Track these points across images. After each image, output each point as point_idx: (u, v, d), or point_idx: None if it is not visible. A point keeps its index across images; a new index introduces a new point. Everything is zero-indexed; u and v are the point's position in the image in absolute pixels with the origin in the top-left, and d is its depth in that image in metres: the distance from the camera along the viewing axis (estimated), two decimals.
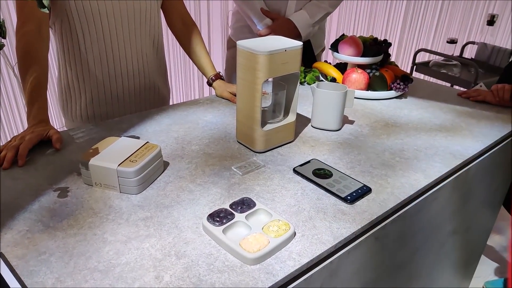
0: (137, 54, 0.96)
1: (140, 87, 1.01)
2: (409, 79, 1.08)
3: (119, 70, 0.95)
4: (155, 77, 1.03)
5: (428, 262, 0.89)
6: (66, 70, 0.93)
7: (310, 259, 0.51)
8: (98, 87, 0.94)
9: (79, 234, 0.54)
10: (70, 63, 0.91)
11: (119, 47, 0.92)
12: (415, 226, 0.73)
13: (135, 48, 0.95)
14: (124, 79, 0.96)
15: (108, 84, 0.95)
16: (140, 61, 0.97)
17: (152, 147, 0.67)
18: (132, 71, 0.97)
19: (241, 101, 0.75)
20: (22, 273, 0.47)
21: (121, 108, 0.99)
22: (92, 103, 0.95)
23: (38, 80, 0.78)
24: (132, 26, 0.92)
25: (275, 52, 0.68)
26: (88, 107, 0.96)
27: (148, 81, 1.02)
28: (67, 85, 0.95)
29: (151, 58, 1.00)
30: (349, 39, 1.08)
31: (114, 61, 0.93)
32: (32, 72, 0.78)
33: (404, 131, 0.89)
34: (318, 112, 0.87)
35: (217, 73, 1.05)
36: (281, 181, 0.68)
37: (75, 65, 0.91)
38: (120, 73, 0.95)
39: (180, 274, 0.48)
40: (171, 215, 0.58)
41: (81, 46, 0.89)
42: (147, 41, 0.97)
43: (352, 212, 0.61)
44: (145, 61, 0.99)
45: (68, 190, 0.63)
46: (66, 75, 0.94)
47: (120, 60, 0.94)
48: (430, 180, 0.70)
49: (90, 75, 0.92)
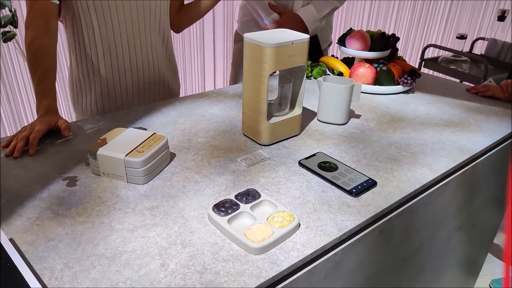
0: (146, 48, 0.97)
1: (150, 81, 1.01)
2: (417, 74, 1.07)
3: (129, 64, 0.95)
4: (164, 71, 1.04)
5: (433, 258, 0.89)
6: (77, 64, 0.94)
7: (314, 250, 0.52)
8: (108, 81, 0.95)
9: (87, 222, 0.55)
10: (81, 57, 0.92)
11: (129, 41, 0.93)
12: (420, 221, 0.73)
13: (145, 42, 0.96)
14: (133, 73, 0.97)
15: (118, 78, 0.96)
16: (150, 55, 0.98)
17: (159, 138, 0.68)
18: (142, 64, 0.97)
19: (247, 94, 0.75)
20: (31, 258, 0.48)
21: (131, 102, 1.00)
22: (102, 97, 0.96)
23: (46, 72, 0.79)
24: (141, 20, 0.93)
25: (282, 45, 0.68)
26: (98, 101, 0.97)
27: (157, 75, 1.02)
28: (78, 79, 0.96)
29: (160, 52, 1.01)
30: (356, 33, 1.07)
31: (124, 55, 0.94)
32: (40, 65, 0.79)
33: (410, 125, 0.89)
34: (324, 106, 0.86)
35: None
36: (286, 174, 0.68)
37: (85, 59, 0.92)
38: (130, 67, 0.96)
39: (185, 262, 0.48)
40: (177, 205, 0.59)
41: (91, 40, 0.89)
42: (156, 36, 0.98)
43: (357, 204, 0.61)
44: (155, 55, 0.99)
45: (77, 179, 0.64)
46: (77, 69, 0.95)
47: (129, 54, 0.94)
48: (437, 175, 0.70)
49: (100, 69, 0.93)
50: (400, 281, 0.80)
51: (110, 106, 0.98)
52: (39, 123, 0.74)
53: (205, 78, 2.28)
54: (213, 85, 2.31)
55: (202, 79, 2.28)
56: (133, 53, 0.95)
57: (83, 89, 0.96)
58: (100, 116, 0.88)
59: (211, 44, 2.17)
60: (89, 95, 0.96)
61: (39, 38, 0.80)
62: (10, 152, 0.69)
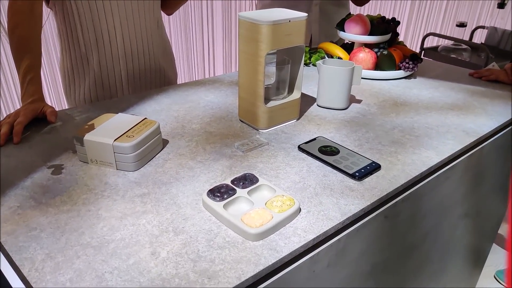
0: (141, 34, 0.92)
1: (146, 69, 0.97)
2: (419, 58, 1.03)
3: (123, 51, 0.91)
4: (160, 59, 1.00)
5: (439, 247, 0.85)
6: (70, 52, 0.90)
7: (316, 235, 0.48)
8: (102, 69, 0.91)
9: (72, 210, 0.51)
10: (73, 44, 0.88)
11: (122, 26, 0.89)
12: (427, 207, 0.69)
13: (139, 27, 0.91)
14: (128, 60, 0.93)
15: (112, 67, 0.91)
16: (145, 41, 0.94)
17: (150, 123, 0.64)
18: (137, 51, 0.93)
19: (243, 76, 0.71)
20: (10, 249, 0.44)
21: (126, 91, 0.96)
22: (96, 87, 0.92)
23: (31, 59, 0.75)
24: (135, 5, 0.89)
25: (278, 22, 0.65)
26: (92, 91, 0.93)
27: (153, 63, 0.98)
28: (70, 68, 0.92)
29: (156, 39, 0.97)
30: (355, 17, 1.03)
31: (117, 41, 0.90)
32: (25, 51, 0.75)
33: (414, 109, 0.85)
34: (324, 90, 0.83)
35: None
36: (286, 159, 0.65)
37: (78, 47, 0.88)
38: (124, 54, 0.91)
39: (178, 250, 0.45)
40: (169, 192, 0.55)
41: (83, 26, 0.85)
42: (151, 21, 0.94)
43: (360, 188, 0.58)
44: (150, 42, 0.95)
45: (63, 167, 0.60)
46: (69, 57, 0.91)
47: (123, 40, 0.90)
48: (443, 157, 0.67)
49: (93, 57, 0.89)
50: (406, 270, 0.76)
51: (104, 96, 0.94)
52: (24, 110, 0.70)
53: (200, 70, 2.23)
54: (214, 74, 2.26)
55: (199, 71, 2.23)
56: (127, 38, 0.90)
57: (76, 78, 0.92)
58: (89, 104, 0.84)
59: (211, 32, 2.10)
60: (82, 85, 0.92)
61: (23, 24, 0.76)
62: None
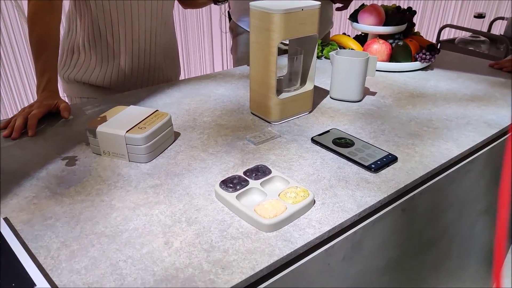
0: (145, 33, 0.92)
1: (144, 68, 0.96)
2: (436, 49, 1.00)
3: (124, 48, 0.91)
4: (161, 59, 0.99)
5: (458, 243, 0.83)
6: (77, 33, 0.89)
7: (331, 227, 0.47)
8: (107, 58, 0.91)
9: (87, 200, 0.51)
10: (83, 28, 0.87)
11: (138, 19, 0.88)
12: (446, 201, 0.67)
13: (143, 26, 0.91)
14: (128, 57, 0.92)
15: (112, 60, 0.91)
16: (148, 40, 0.93)
17: (162, 115, 0.64)
18: (138, 50, 0.93)
19: (255, 67, 0.70)
20: (26, 237, 0.45)
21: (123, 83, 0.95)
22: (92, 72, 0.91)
23: (48, 52, 0.76)
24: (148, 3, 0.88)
25: (291, 11, 0.63)
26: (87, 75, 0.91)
27: (153, 62, 0.97)
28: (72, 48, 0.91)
29: (160, 38, 0.96)
30: (370, 7, 1.01)
31: (120, 39, 0.89)
32: (42, 44, 0.75)
33: (431, 101, 0.83)
34: (337, 82, 0.81)
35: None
36: (299, 151, 0.64)
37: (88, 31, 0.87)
38: (125, 51, 0.91)
39: (191, 240, 0.44)
40: (181, 183, 0.55)
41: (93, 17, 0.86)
42: (158, 20, 0.93)
43: (377, 180, 0.56)
44: (153, 42, 0.94)
45: (76, 159, 0.61)
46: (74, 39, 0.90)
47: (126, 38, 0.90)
48: (464, 149, 0.64)
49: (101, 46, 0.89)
50: (422, 267, 0.74)
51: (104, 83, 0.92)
52: (38, 104, 0.70)
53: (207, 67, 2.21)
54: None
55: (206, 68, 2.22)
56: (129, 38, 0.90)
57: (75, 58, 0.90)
58: (102, 98, 0.84)
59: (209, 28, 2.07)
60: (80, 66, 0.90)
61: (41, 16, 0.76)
62: (8, 133, 0.66)
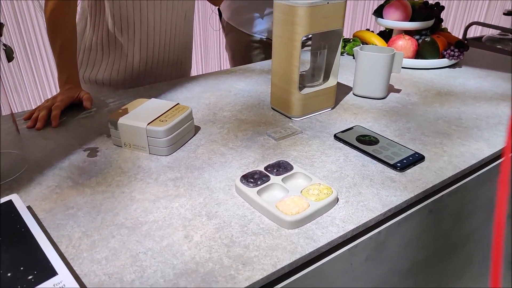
0: (165, 26, 0.92)
1: (164, 62, 0.96)
2: (465, 45, 0.96)
3: (145, 42, 0.91)
4: (179, 52, 0.99)
5: (483, 248, 0.79)
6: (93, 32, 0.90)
7: (355, 226, 0.45)
8: (122, 56, 0.91)
9: (107, 191, 0.51)
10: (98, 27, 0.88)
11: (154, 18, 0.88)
12: (475, 203, 0.64)
13: (165, 19, 0.91)
14: (149, 51, 0.92)
15: (132, 54, 0.91)
16: (168, 34, 0.93)
17: (183, 108, 0.63)
18: (159, 44, 0.93)
19: (277, 62, 0.69)
20: (48, 226, 0.45)
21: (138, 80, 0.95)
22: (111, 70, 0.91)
23: (67, 46, 0.77)
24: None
25: (316, 5, 0.62)
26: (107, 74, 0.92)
27: (172, 55, 0.97)
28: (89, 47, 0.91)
29: (180, 31, 0.96)
30: (396, 2, 0.97)
31: (142, 33, 0.89)
32: (60, 38, 0.76)
33: (460, 100, 0.79)
34: (361, 78, 0.79)
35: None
36: (321, 147, 0.62)
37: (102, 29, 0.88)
38: (146, 46, 0.91)
39: (211, 235, 0.44)
40: (202, 177, 0.54)
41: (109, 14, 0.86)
42: (179, 13, 0.93)
43: (403, 180, 0.54)
44: (173, 35, 0.94)
45: (98, 150, 0.61)
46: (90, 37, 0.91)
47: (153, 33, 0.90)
48: (495, 150, 0.61)
49: (116, 43, 0.90)
50: (447, 271, 0.71)
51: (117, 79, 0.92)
52: (61, 96, 0.71)
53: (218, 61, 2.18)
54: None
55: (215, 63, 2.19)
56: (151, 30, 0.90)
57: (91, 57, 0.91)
58: (122, 90, 0.85)
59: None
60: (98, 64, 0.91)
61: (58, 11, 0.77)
62: (32, 123, 0.67)
